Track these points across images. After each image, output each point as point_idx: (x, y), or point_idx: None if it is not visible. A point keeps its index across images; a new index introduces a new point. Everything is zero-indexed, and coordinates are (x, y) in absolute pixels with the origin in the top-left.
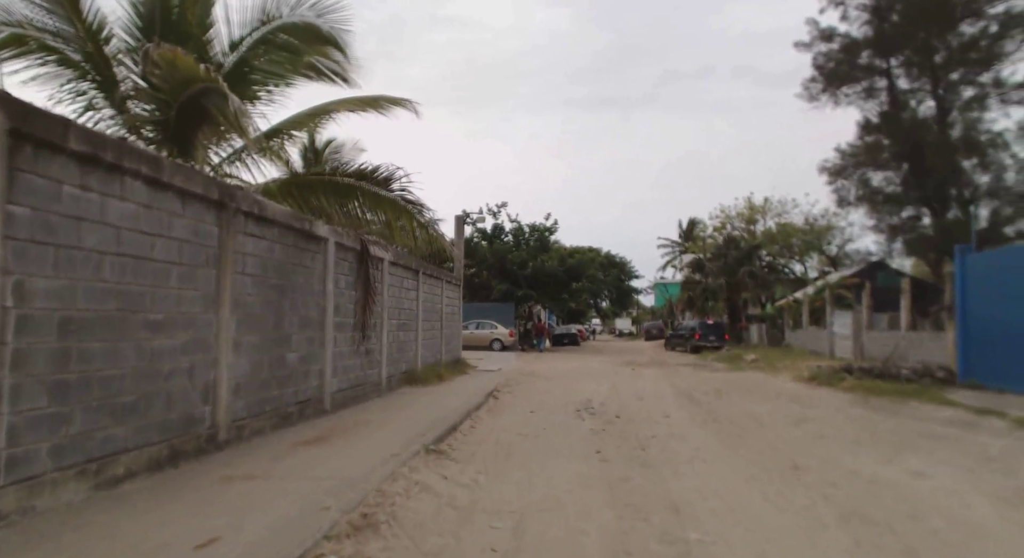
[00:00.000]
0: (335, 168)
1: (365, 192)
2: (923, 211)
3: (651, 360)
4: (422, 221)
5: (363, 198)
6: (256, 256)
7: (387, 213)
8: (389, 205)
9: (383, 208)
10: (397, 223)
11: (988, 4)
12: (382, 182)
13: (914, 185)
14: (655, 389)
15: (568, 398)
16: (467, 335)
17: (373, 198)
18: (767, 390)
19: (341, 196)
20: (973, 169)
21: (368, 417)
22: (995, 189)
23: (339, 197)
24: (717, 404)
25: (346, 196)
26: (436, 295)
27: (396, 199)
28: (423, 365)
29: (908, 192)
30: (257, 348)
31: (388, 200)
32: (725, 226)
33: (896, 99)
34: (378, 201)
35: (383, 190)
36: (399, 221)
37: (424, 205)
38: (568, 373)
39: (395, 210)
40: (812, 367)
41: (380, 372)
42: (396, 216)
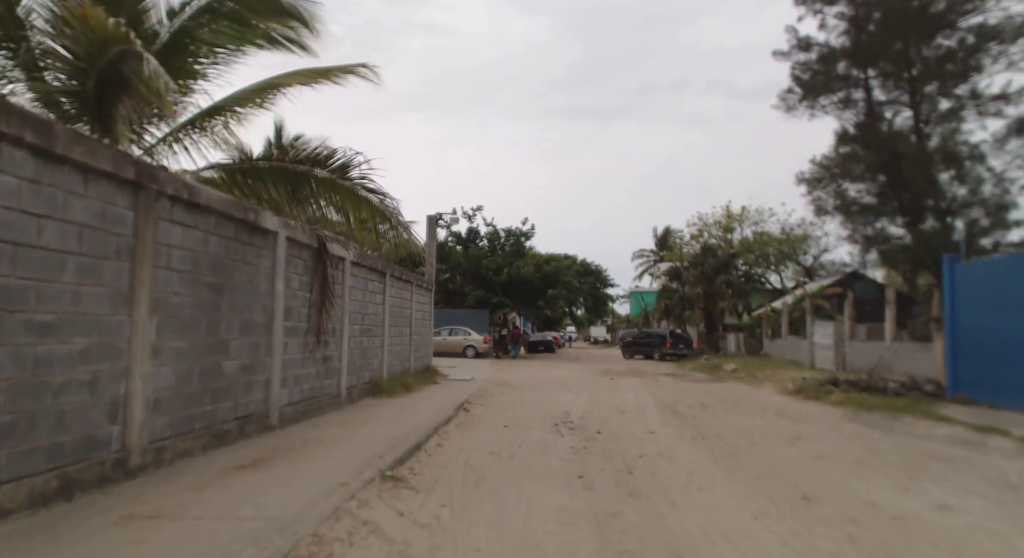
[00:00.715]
0: (284, 153)
1: (320, 180)
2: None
3: (629, 369)
4: (384, 212)
5: (317, 187)
6: (186, 249)
7: (345, 203)
8: (347, 195)
9: (340, 198)
10: (358, 215)
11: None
12: (339, 169)
13: (890, 196)
14: (636, 401)
15: (545, 411)
16: (440, 342)
17: (329, 186)
18: (752, 403)
19: (293, 185)
20: (950, 181)
21: (321, 434)
22: (972, 200)
23: (290, 186)
24: (703, 418)
25: (298, 185)
26: (405, 299)
27: (355, 188)
28: (389, 374)
29: (884, 203)
30: (185, 356)
31: (346, 189)
32: (702, 234)
33: (873, 110)
34: (334, 190)
35: (340, 178)
36: (359, 213)
37: (387, 194)
38: (544, 383)
39: (354, 200)
40: (797, 379)
41: (339, 382)
42: (355, 206)
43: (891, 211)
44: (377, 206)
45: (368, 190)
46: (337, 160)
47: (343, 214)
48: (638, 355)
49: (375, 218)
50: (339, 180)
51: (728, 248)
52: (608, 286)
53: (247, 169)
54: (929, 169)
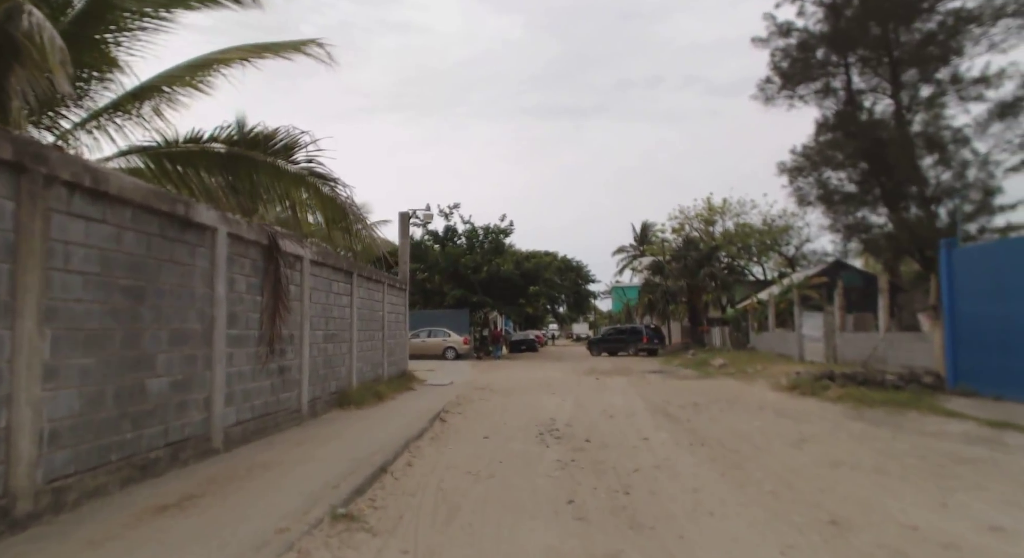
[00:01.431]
0: (216, 135)
1: (259, 165)
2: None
3: (614, 368)
4: (336, 201)
5: (257, 173)
6: (92, 247)
7: (291, 192)
8: (292, 182)
9: (285, 185)
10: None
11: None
12: (282, 151)
13: (872, 184)
14: (625, 403)
15: (528, 417)
16: (418, 344)
17: (271, 173)
18: (747, 401)
19: (229, 172)
20: (933, 166)
21: (273, 457)
22: (956, 186)
23: (226, 173)
24: (698, 421)
25: (234, 171)
26: (376, 301)
27: (302, 173)
28: (359, 383)
29: (866, 191)
30: (94, 375)
31: (291, 175)
32: (684, 227)
33: (853, 97)
34: (277, 176)
35: (283, 161)
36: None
37: (338, 180)
38: (527, 385)
39: (300, 187)
40: (790, 374)
41: (299, 395)
42: (301, 193)
43: (873, 199)
44: (328, 195)
45: (317, 176)
46: (279, 141)
47: (288, 205)
48: (606, 352)
49: (325, 209)
50: (283, 163)
51: (710, 241)
52: (590, 282)
53: (175, 154)
54: (912, 155)
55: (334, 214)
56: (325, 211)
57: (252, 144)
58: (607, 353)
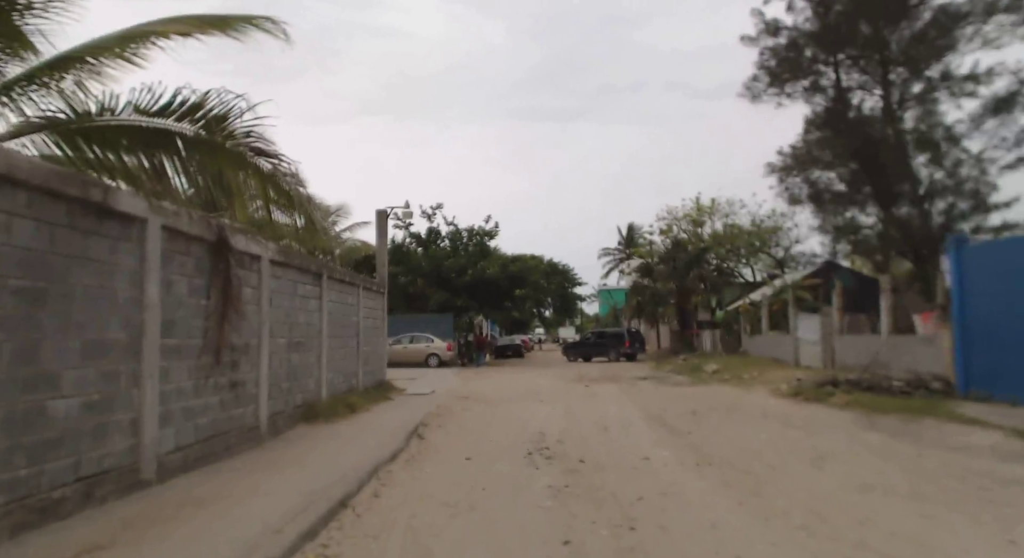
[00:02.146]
0: (139, 103)
1: (189, 141)
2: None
3: (604, 375)
4: (282, 185)
5: (187, 150)
6: None
7: (227, 173)
8: (229, 161)
9: (219, 164)
10: (242, 188)
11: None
12: (214, 123)
13: (863, 183)
14: (619, 413)
15: (515, 431)
16: (399, 351)
17: (206, 150)
18: (749, 410)
19: (152, 149)
20: (926, 164)
21: (213, 490)
22: (949, 184)
23: (150, 152)
24: (700, 433)
25: (154, 148)
26: (350, 305)
27: (240, 151)
28: (330, 394)
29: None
30: None
31: (227, 153)
32: (672, 228)
33: (843, 95)
34: (210, 154)
35: (217, 136)
36: (247, 182)
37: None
38: (513, 393)
39: (237, 167)
40: (790, 379)
41: (257, 411)
42: (239, 175)
43: (863, 199)
44: (269, 175)
45: (259, 153)
46: (210, 110)
47: (221, 190)
48: (581, 358)
49: (267, 193)
50: (219, 139)
51: (699, 242)
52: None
53: (88, 130)
54: (904, 152)
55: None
56: (265, 193)
57: (179, 113)
58: (582, 359)
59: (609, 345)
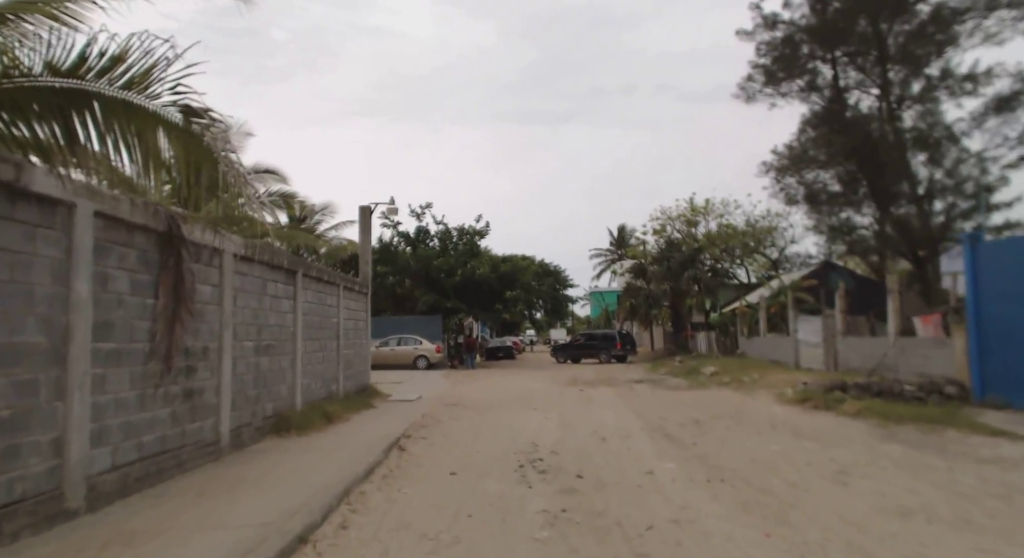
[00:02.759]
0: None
1: (105, 101)
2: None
3: (599, 378)
4: (212, 152)
5: (104, 113)
6: None
7: (147, 137)
8: (152, 125)
9: (138, 127)
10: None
11: None
12: (138, 82)
13: (860, 182)
14: (617, 421)
15: (506, 441)
16: (387, 353)
17: (124, 113)
18: (755, 418)
19: (63, 113)
20: (925, 163)
21: (150, 522)
22: (949, 183)
23: (61, 116)
24: (706, 444)
25: (70, 113)
26: (329, 306)
27: (166, 114)
28: (306, 402)
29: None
30: None
31: (149, 116)
32: (665, 228)
33: (840, 92)
34: (129, 117)
35: (136, 96)
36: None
37: (214, 114)
38: (504, 398)
39: (161, 132)
40: (795, 384)
41: (217, 423)
42: (163, 140)
43: (860, 198)
44: (197, 139)
45: (188, 113)
46: (131, 65)
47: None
48: (571, 360)
49: (189, 155)
50: (137, 99)
51: (693, 243)
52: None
53: None
54: (902, 152)
55: (200, 163)
56: (185, 164)
57: (97, 71)
58: (571, 360)
59: (599, 347)
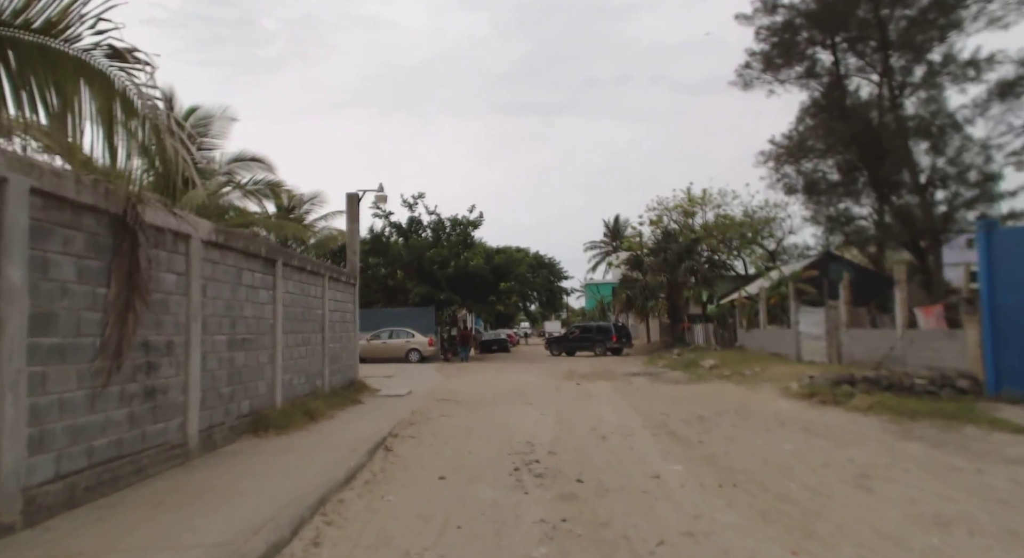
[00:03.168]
0: None
1: (21, 49)
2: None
3: (595, 371)
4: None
5: (18, 64)
6: None
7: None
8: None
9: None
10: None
11: None
12: (55, 22)
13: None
14: (617, 417)
15: (500, 440)
16: (378, 346)
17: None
18: (761, 413)
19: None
20: (927, 152)
21: (97, 540)
22: (952, 172)
23: None
24: (713, 442)
25: None
26: (313, 297)
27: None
28: (287, 399)
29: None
30: None
31: (68, 60)
32: (662, 219)
33: (841, 79)
34: (48, 65)
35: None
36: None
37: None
38: (499, 393)
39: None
40: (801, 377)
41: (184, 424)
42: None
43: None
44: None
45: (113, 56)
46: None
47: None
48: (565, 353)
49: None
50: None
51: (690, 233)
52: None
53: None
54: (904, 140)
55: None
56: (108, 114)
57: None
58: (566, 353)
59: (594, 339)
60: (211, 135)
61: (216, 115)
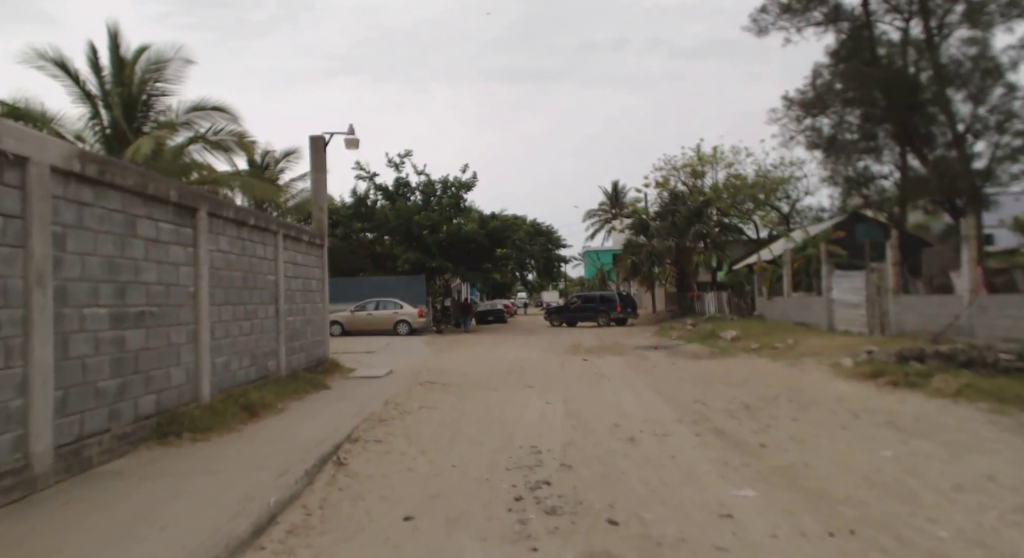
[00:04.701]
0: None
1: None
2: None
3: (601, 343)
4: None
5: None
6: None
7: None
8: None
9: None
10: None
11: None
12: None
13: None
14: (641, 407)
15: (495, 448)
16: (363, 318)
17: None
18: (820, 399)
19: None
20: (965, 100)
21: None
22: (993, 121)
23: None
24: (779, 447)
25: None
26: (261, 259)
27: None
28: (218, 390)
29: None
30: None
31: None
32: (668, 181)
33: (870, 20)
34: None
35: None
36: None
37: None
38: (494, 372)
39: None
40: (858, 352)
41: (22, 439)
42: None
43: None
44: None
45: None
46: None
47: None
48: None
49: None
50: None
51: (700, 195)
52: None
53: None
54: (942, 86)
55: None
56: None
57: None
58: (566, 324)
59: (597, 309)
60: (166, 79)
61: (171, 56)
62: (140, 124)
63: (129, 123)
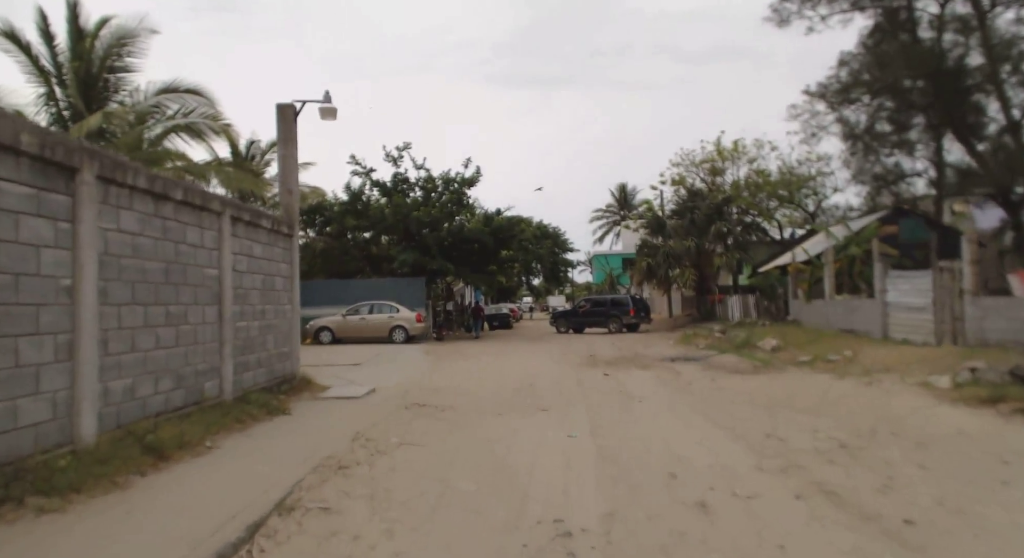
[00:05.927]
0: None
1: None
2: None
3: (621, 354)
4: None
5: None
6: None
7: None
8: None
9: None
10: None
11: None
12: None
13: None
14: (696, 444)
15: (498, 523)
16: (356, 324)
17: None
18: (937, 436)
19: None
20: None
21: None
22: None
23: None
24: (927, 517)
25: None
26: (193, 247)
27: None
28: (115, 425)
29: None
30: None
31: None
32: (685, 179)
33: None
34: None
35: None
36: None
37: None
38: (498, 391)
39: None
40: (956, 369)
41: None
42: None
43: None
44: None
45: None
46: None
47: None
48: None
49: None
50: None
51: (719, 192)
52: (568, 250)
53: None
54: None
55: None
56: None
57: None
58: (574, 330)
59: (608, 314)
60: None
61: (135, 27)
62: (101, 105)
63: (88, 103)
